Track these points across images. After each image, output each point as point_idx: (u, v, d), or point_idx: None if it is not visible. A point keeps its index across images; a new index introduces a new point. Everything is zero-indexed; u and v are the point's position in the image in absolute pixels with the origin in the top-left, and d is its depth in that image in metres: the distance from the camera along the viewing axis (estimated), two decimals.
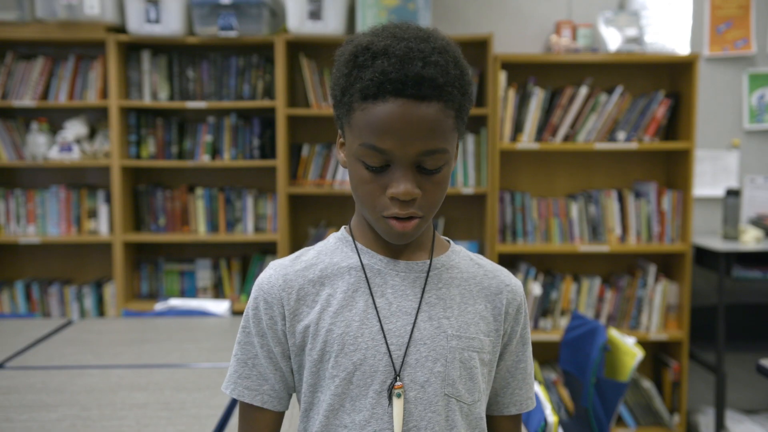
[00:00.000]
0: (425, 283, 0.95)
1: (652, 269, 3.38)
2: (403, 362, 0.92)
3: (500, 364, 1.00)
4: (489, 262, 1.03)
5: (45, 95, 3.34)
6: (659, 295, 3.37)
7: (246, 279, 3.49)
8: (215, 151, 3.40)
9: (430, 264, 0.97)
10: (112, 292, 3.40)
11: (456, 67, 0.89)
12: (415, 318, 0.93)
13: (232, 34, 3.17)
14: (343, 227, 1.02)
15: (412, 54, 0.85)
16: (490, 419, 1.03)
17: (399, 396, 0.91)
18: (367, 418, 0.91)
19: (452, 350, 0.93)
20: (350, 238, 0.99)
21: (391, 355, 0.91)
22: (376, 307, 0.93)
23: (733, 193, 3.28)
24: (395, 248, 0.97)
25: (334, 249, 0.99)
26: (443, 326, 0.94)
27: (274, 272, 0.97)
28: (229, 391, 0.98)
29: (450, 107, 0.88)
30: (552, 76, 3.45)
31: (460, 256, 1.01)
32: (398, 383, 0.91)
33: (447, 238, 1.04)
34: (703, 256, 3.36)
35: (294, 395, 1.02)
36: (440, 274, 0.97)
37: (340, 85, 0.90)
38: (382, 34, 0.89)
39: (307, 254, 1.00)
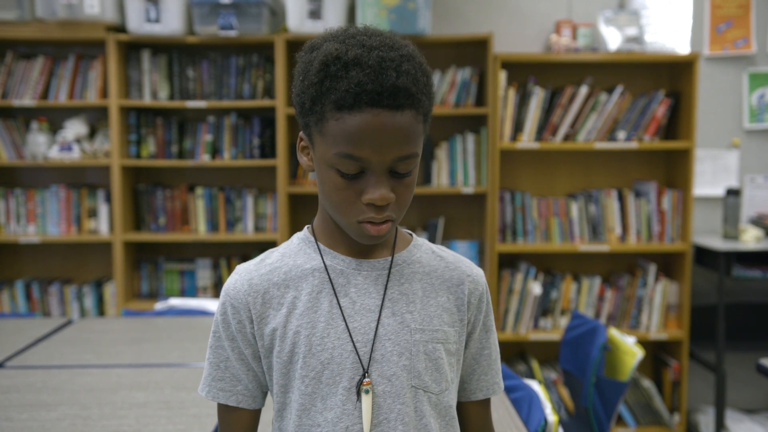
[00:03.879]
0: (387, 280, 0.98)
1: (652, 269, 3.38)
2: (370, 358, 0.94)
3: (465, 352, 1.03)
4: (452, 253, 1.05)
5: (45, 95, 3.34)
6: (659, 294, 3.37)
7: None
8: (215, 151, 3.40)
9: (392, 261, 0.99)
10: (112, 291, 3.40)
11: (423, 74, 0.91)
12: (379, 315, 0.96)
13: (232, 33, 3.17)
14: (306, 227, 1.04)
15: (385, 64, 0.87)
16: (460, 405, 1.06)
17: (367, 392, 0.93)
18: (339, 415, 0.94)
19: (416, 343, 0.96)
20: (313, 239, 1.01)
21: (357, 353, 0.94)
22: (340, 307, 0.95)
23: (733, 193, 3.28)
24: (358, 248, 0.98)
25: (298, 250, 1.01)
26: (407, 321, 0.96)
27: (239, 277, 0.99)
28: (204, 393, 1.01)
29: (420, 113, 0.91)
30: (552, 75, 3.45)
31: (421, 250, 1.03)
32: (366, 379, 0.93)
33: (409, 232, 1.06)
34: (703, 255, 3.36)
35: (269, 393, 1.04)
36: (402, 270, 0.99)
37: (310, 94, 0.90)
38: (349, 42, 0.89)
39: (271, 257, 1.01)
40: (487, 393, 1.06)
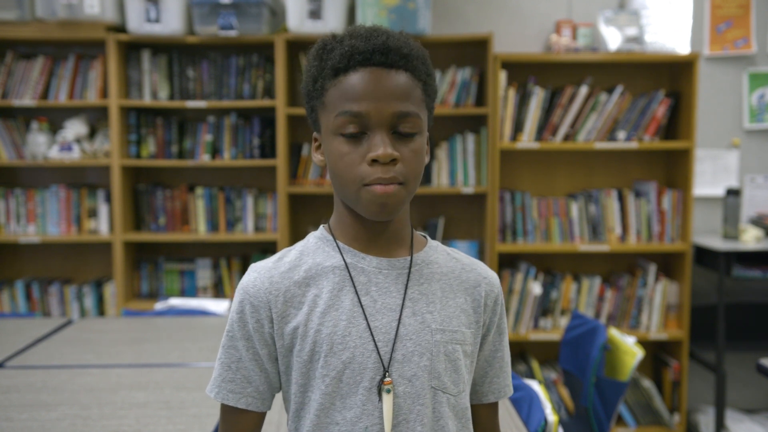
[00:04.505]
0: (408, 280, 0.98)
1: (652, 269, 3.38)
2: (390, 358, 0.94)
3: (479, 355, 1.03)
4: (465, 256, 1.06)
5: (45, 95, 3.34)
6: (659, 294, 3.37)
7: None
8: (215, 151, 3.40)
9: (411, 260, 0.99)
10: (112, 291, 3.40)
11: (417, 48, 0.96)
12: (400, 314, 0.95)
13: (232, 33, 3.17)
14: (321, 226, 1.04)
15: (376, 32, 0.95)
16: (471, 408, 1.05)
17: (389, 392, 0.93)
18: (358, 414, 0.93)
19: (437, 344, 0.96)
20: (331, 237, 1.00)
21: (379, 352, 0.93)
22: (362, 306, 0.95)
23: (733, 193, 3.28)
24: (376, 245, 0.98)
25: (316, 249, 1.00)
26: (427, 321, 0.96)
27: (258, 275, 0.98)
28: (213, 394, 0.99)
29: (417, 78, 0.94)
30: (552, 75, 3.45)
31: (437, 251, 1.04)
32: (387, 379, 0.93)
33: (423, 234, 1.06)
34: (703, 255, 3.36)
35: (278, 395, 1.02)
36: (421, 270, 1.00)
37: (312, 75, 0.96)
38: (344, 29, 0.98)
39: (289, 255, 1.00)
40: (498, 396, 1.05)
